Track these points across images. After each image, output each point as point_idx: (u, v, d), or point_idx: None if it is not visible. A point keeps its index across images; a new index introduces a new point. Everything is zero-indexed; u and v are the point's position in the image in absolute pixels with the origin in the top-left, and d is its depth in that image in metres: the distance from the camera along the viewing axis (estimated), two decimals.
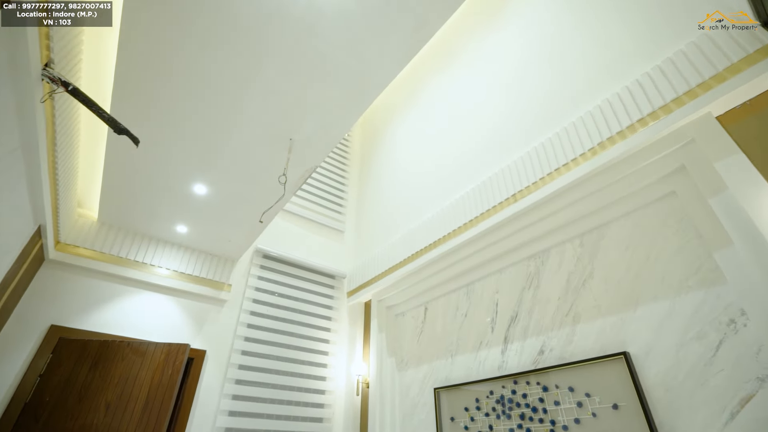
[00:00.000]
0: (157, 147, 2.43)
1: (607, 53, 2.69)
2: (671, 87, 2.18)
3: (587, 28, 2.90)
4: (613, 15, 2.75)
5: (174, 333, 3.19)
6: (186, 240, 3.42)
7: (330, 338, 4.09)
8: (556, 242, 2.65)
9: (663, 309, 1.99)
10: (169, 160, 2.53)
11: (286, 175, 2.42)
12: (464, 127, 3.80)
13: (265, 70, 2.00)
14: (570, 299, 2.43)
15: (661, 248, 2.10)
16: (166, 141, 2.40)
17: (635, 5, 2.61)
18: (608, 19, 2.78)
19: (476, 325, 3.00)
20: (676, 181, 2.14)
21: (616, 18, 2.72)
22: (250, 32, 1.82)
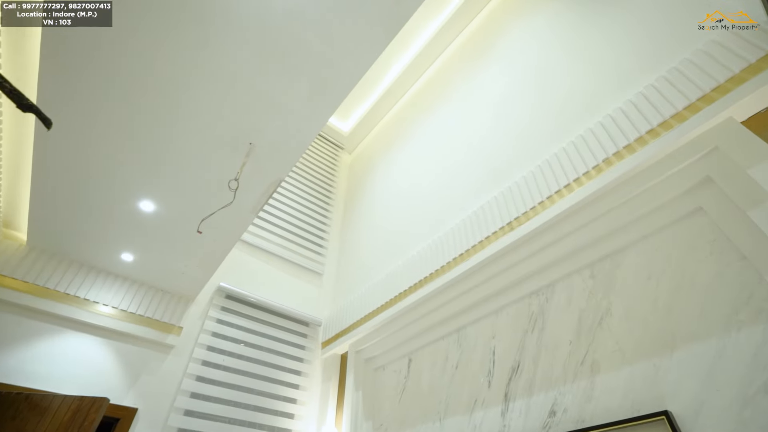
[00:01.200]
0: (92, 155, 2.08)
1: (606, 70, 2.52)
2: (681, 95, 1.95)
3: (584, 46, 2.78)
4: (608, 33, 2.63)
5: (98, 385, 2.58)
6: (133, 272, 2.94)
7: (298, 397, 3.44)
8: (562, 275, 2.24)
9: (709, 351, 1.55)
10: (108, 170, 2.17)
11: (238, 181, 2.05)
12: (452, 160, 3.55)
13: (220, 61, 1.73)
14: (584, 343, 1.97)
15: (694, 275, 1.71)
16: (102, 147, 2.05)
17: (636, 19, 2.49)
18: (604, 36, 2.65)
19: (470, 379, 2.46)
20: (702, 194, 1.81)
21: (612, 35, 2.59)
22: (201, 14, 1.57)
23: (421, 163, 4.01)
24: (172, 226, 2.53)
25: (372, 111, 5.47)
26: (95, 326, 2.76)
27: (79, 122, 1.92)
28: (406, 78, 5.05)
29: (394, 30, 1.65)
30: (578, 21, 2.94)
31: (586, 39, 2.78)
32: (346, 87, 1.84)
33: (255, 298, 3.62)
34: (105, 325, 2.77)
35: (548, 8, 3.33)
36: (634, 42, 2.43)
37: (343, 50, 1.70)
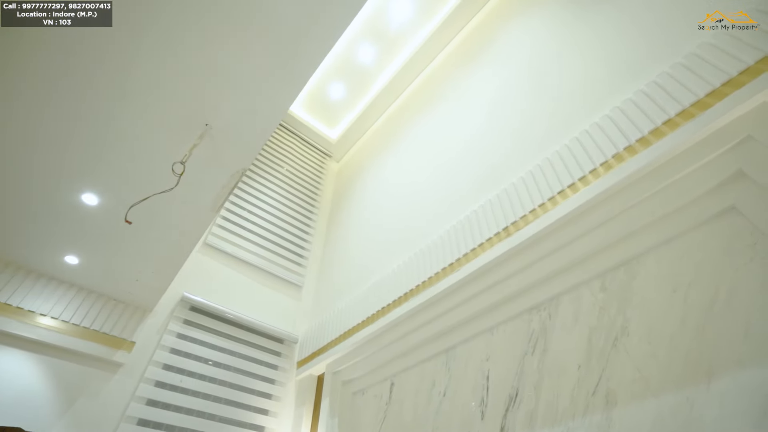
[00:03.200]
0: (24, 140, 1.77)
1: (611, 62, 2.29)
2: (704, 81, 1.69)
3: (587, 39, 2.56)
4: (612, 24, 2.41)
5: (17, 412, 2.18)
6: (79, 277, 2.58)
7: (267, 424, 3.04)
8: (567, 287, 1.94)
9: (756, 380, 1.23)
10: (44, 158, 1.85)
11: (185, 164, 1.73)
12: (443, 164, 3.29)
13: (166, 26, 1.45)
14: (597, 368, 1.65)
15: (732, 286, 1.41)
16: (35, 131, 1.75)
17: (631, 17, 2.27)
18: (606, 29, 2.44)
19: (459, 409, 2.11)
20: (735, 190, 1.53)
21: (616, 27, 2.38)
22: None
23: (410, 170, 3.74)
24: (120, 224, 2.19)
25: (361, 117, 5.23)
26: (28, 340, 2.38)
27: (14, 105, 1.64)
28: (397, 84, 4.84)
29: None
30: (573, 21, 2.74)
31: (585, 32, 2.56)
32: (316, 59, 1.56)
33: (224, 310, 3.26)
34: (41, 339, 2.39)
35: (543, 9, 3.14)
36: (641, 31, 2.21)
37: (312, 15, 1.43)
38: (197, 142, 1.69)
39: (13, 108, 1.67)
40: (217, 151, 1.83)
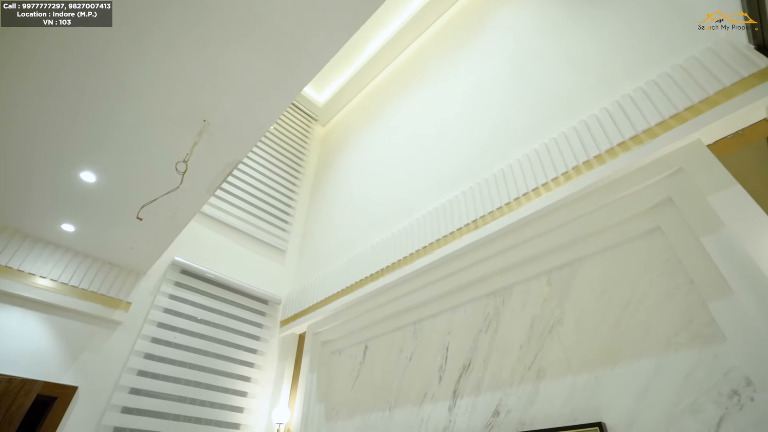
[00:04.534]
0: (27, 120, 1.84)
1: (587, 73, 2.46)
2: (656, 110, 1.93)
3: (566, 47, 2.70)
4: (594, 35, 2.56)
5: (33, 363, 2.42)
6: (75, 243, 2.73)
7: (253, 376, 3.42)
8: (520, 279, 2.26)
9: (647, 370, 1.60)
10: (45, 137, 1.93)
11: (187, 163, 1.88)
12: (425, 148, 3.46)
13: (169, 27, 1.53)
14: (534, 349, 2.01)
15: (644, 294, 1.75)
16: (38, 112, 1.82)
17: (621, 24, 2.42)
18: (589, 38, 2.58)
19: (422, 373, 2.50)
20: (662, 215, 1.82)
21: (598, 37, 2.53)
22: None
23: (395, 147, 3.89)
24: (116, 201, 2.33)
25: (349, 84, 5.23)
26: (32, 300, 2.56)
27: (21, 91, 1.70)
28: (386, 54, 4.83)
29: (364, 16, 1.50)
30: (563, 18, 2.84)
31: (567, 39, 2.70)
32: (312, 69, 1.68)
33: (212, 273, 3.49)
34: (43, 299, 2.58)
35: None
36: (617, 46, 2.38)
37: (311, 32, 1.54)
38: (197, 140, 1.82)
39: (22, 95, 1.73)
40: (213, 144, 1.96)
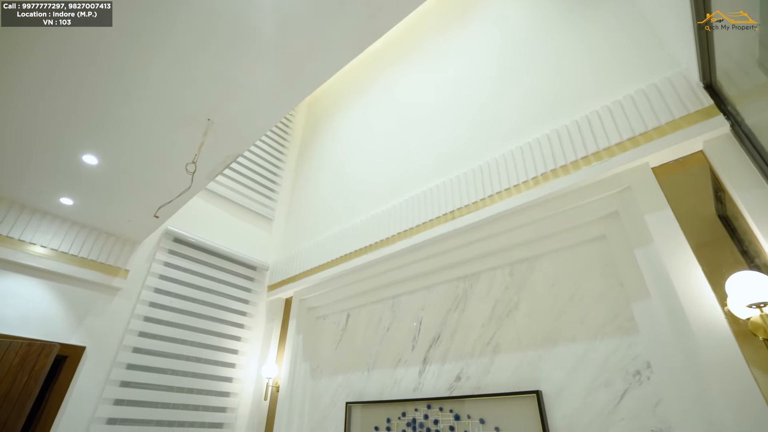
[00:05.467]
0: (34, 102, 1.90)
1: (566, 82, 2.66)
2: (617, 131, 2.19)
3: (553, 52, 2.85)
4: (578, 45, 2.72)
5: (43, 327, 2.64)
6: (73, 214, 2.84)
7: (243, 335, 3.76)
8: (487, 267, 2.60)
9: (578, 351, 2.01)
10: (51, 119, 2.00)
11: (196, 164, 2.03)
12: (411, 133, 3.63)
13: (177, 36, 1.62)
14: (493, 328, 2.40)
15: (585, 290, 2.11)
16: (47, 98, 1.88)
17: (601, 37, 2.59)
18: (572, 48, 2.74)
19: (397, 341, 2.89)
20: (608, 225, 2.15)
21: (580, 48, 2.69)
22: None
23: (381, 128, 4.02)
24: (116, 182, 2.45)
25: None
26: (36, 268, 2.72)
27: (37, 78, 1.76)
28: None
29: (367, 42, 1.63)
30: (548, 25, 2.95)
31: (554, 45, 2.84)
32: (314, 83, 1.82)
33: (204, 241, 3.69)
34: (47, 267, 2.73)
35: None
36: (596, 59, 2.56)
37: (316, 51, 1.66)
38: (204, 140, 1.95)
39: (37, 81, 1.79)
40: (217, 140, 2.09)
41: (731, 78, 1.84)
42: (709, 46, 1.87)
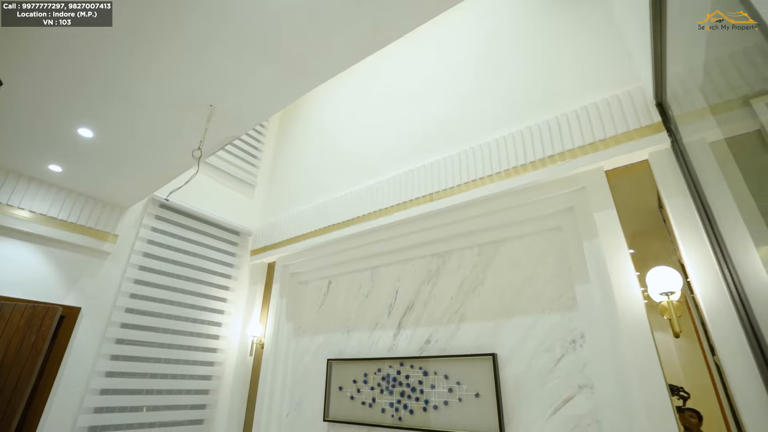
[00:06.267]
0: (35, 70, 1.90)
1: (537, 84, 2.88)
2: (581, 135, 2.47)
3: (525, 55, 3.04)
4: (551, 49, 2.91)
5: (38, 289, 2.76)
6: (60, 180, 2.87)
7: (228, 297, 4.00)
8: (458, 247, 2.93)
9: (529, 323, 2.41)
10: (51, 89, 2.01)
11: (201, 150, 2.15)
12: (396, 114, 3.77)
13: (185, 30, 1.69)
14: (460, 300, 2.77)
15: (540, 272, 2.49)
16: (44, 72, 1.90)
17: (575, 47, 2.80)
18: (546, 50, 2.93)
19: (375, 307, 3.23)
20: (565, 218, 2.50)
21: (552, 53, 2.89)
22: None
23: (367, 104, 4.12)
24: (111, 156, 2.51)
25: None
26: (24, 233, 2.77)
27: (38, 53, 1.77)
28: None
29: (367, 52, 1.77)
30: (540, 17, 3.10)
31: (539, 42, 3.02)
32: (314, 82, 1.95)
33: (188, 207, 3.78)
34: (35, 231, 2.79)
35: None
36: (574, 62, 2.78)
37: (318, 56, 1.79)
38: (207, 126, 2.04)
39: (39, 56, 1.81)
40: (218, 123, 2.19)
41: (677, 99, 2.14)
42: (662, 69, 2.14)
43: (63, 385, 2.71)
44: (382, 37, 1.70)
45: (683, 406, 2.08)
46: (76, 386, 2.78)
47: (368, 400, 2.92)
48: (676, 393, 2.16)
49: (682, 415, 2.06)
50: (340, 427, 3.01)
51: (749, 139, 1.44)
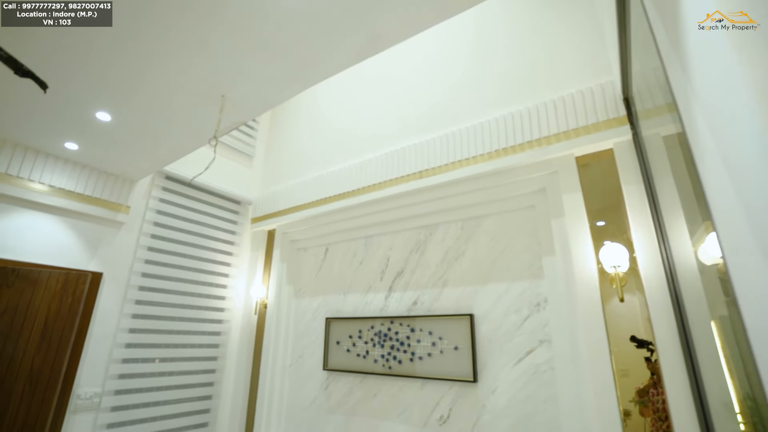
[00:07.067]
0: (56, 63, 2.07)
1: (521, 72, 3.09)
2: (557, 124, 2.74)
3: (515, 42, 3.21)
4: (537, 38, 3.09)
5: (65, 257, 3.04)
6: (75, 156, 3.07)
7: (232, 261, 4.33)
8: (444, 220, 3.26)
9: (502, 289, 2.80)
10: (70, 78, 2.18)
11: (217, 138, 2.37)
12: (388, 94, 3.94)
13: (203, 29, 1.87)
14: (444, 268, 3.14)
15: (513, 246, 2.85)
16: (71, 64, 2.07)
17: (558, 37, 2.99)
18: (533, 42, 3.11)
19: (368, 272, 3.60)
20: (538, 198, 2.82)
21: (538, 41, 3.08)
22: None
23: (362, 82, 4.25)
24: (126, 136, 2.70)
25: None
26: (46, 205, 3.00)
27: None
28: None
29: (365, 57, 1.97)
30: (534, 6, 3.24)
31: (528, 32, 3.19)
32: (315, 80, 2.16)
33: (192, 178, 4.00)
34: (55, 204, 3.02)
35: None
36: (557, 52, 2.98)
37: (319, 57, 1.99)
38: (221, 116, 2.25)
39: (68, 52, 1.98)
40: (227, 111, 2.40)
41: (640, 96, 2.40)
42: (627, 65, 2.38)
43: (94, 340, 3.08)
44: (380, 44, 1.91)
45: (651, 357, 2.54)
46: (105, 340, 3.15)
47: (362, 353, 3.36)
48: (645, 346, 2.62)
49: (649, 364, 2.53)
50: (337, 374, 3.48)
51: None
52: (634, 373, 2.74)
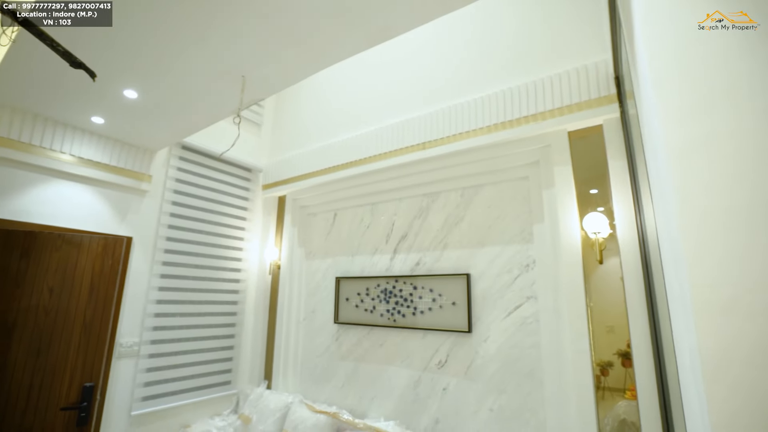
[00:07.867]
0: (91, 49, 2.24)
1: (521, 48, 3.22)
2: (552, 101, 2.92)
3: (515, 23, 3.30)
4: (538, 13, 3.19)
5: (99, 222, 3.32)
6: (100, 129, 3.27)
7: (246, 226, 4.64)
8: (445, 189, 3.52)
9: (496, 252, 3.13)
10: (101, 58, 2.35)
11: (240, 116, 2.57)
12: (395, 67, 4.05)
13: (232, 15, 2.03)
14: (445, 232, 3.45)
15: (507, 213, 3.14)
16: (103, 47, 2.23)
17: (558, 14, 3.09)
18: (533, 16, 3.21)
19: (375, 236, 3.92)
20: (531, 170, 3.08)
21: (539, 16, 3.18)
22: None
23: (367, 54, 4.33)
24: (150, 111, 2.90)
25: None
26: (77, 175, 3.25)
27: None
28: None
29: (374, 44, 2.14)
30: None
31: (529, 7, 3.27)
32: (327, 63, 2.34)
33: (207, 149, 4.22)
34: (85, 174, 3.27)
35: None
36: (553, 30, 3.10)
37: (332, 42, 2.16)
38: (242, 96, 2.43)
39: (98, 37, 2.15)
40: (246, 90, 2.58)
41: (628, 75, 2.59)
42: (618, 44, 2.54)
43: (129, 297, 3.44)
44: (390, 33, 2.08)
45: None
46: (140, 297, 3.52)
47: (369, 308, 3.75)
48: None
49: None
50: (347, 327, 3.90)
51: None
52: (619, 329, 3.14)
